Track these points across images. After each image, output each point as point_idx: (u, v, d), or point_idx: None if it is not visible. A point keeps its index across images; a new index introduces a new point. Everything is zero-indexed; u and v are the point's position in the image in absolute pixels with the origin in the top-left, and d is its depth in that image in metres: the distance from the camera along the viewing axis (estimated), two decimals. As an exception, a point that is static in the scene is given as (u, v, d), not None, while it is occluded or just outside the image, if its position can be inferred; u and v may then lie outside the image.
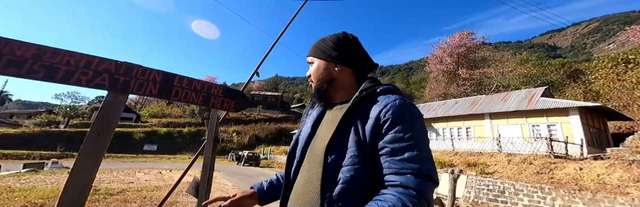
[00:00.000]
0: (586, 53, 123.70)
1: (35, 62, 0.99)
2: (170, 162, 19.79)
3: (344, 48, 0.68)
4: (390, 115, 0.52)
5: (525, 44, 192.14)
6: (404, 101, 0.56)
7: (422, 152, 0.50)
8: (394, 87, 0.65)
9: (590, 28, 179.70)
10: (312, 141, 0.65)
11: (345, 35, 0.71)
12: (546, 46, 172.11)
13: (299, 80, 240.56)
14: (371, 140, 0.53)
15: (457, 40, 20.51)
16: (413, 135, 0.51)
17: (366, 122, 0.55)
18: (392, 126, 0.52)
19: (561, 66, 22.67)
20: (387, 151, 0.51)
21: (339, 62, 0.67)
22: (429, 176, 0.48)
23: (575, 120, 8.83)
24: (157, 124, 33.67)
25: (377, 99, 0.58)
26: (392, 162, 0.50)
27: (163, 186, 6.36)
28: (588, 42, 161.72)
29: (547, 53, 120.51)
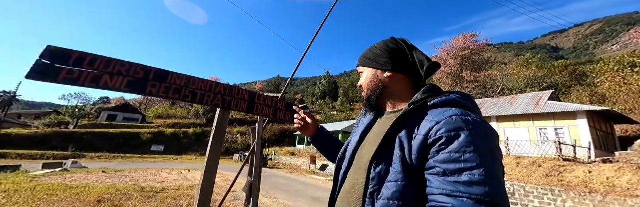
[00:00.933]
0: (589, 54, 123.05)
1: (186, 89, 1.34)
2: (178, 162, 20.11)
3: (392, 54, 0.65)
4: (443, 133, 0.47)
5: (527, 45, 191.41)
6: (462, 117, 0.48)
7: (488, 176, 0.42)
8: (454, 98, 0.56)
9: (593, 29, 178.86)
10: (359, 149, 0.64)
11: (393, 40, 0.69)
12: (548, 47, 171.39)
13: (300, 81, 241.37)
14: (418, 159, 0.49)
15: (462, 42, 20.75)
16: (475, 156, 0.43)
17: (413, 138, 0.51)
18: (445, 145, 0.46)
19: (565, 68, 22.82)
20: (438, 171, 0.45)
21: (388, 68, 0.65)
22: (494, 203, 0.40)
23: (583, 123, 9.00)
24: (163, 125, 34.06)
25: (430, 113, 0.53)
26: (444, 182, 0.44)
27: (194, 185, 6.84)
28: (591, 43, 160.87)
29: (550, 54, 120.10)
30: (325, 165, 16.81)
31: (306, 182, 10.74)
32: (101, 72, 1.14)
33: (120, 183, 6.35)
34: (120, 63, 1.20)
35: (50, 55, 1.03)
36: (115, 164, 15.82)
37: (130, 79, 1.19)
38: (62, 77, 1.03)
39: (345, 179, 0.63)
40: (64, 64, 1.05)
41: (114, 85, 1.14)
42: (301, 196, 6.64)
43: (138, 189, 5.33)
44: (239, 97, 1.58)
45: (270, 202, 5.62)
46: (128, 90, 1.17)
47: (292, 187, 8.42)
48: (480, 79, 19.97)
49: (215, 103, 1.46)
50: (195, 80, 1.39)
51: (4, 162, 13.10)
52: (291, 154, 20.60)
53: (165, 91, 1.26)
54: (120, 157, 21.27)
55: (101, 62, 1.15)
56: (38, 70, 0.99)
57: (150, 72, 1.25)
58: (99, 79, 1.12)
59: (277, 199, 5.75)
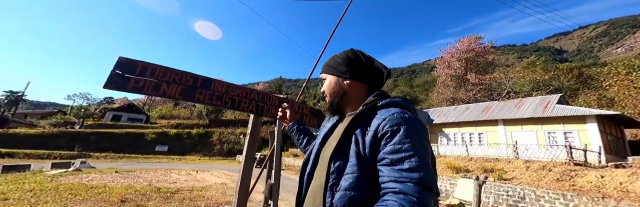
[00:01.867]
0: (593, 57, 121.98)
1: (226, 96, 1.41)
2: (183, 163, 20.22)
3: (351, 63, 0.73)
4: (388, 128, 0.55)
5: (530, 47, 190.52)
6: (402, 114, 0.57)
7: (422, 164, 0.51)
8: (397, 101, 0.66)
9: (598, 31, 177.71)
10: (322, 150, 0.69)
11: (352, 51, 0.76)
12: (552, 50, 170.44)
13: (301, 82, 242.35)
14: (370, 151, 0.56)
15: (467, 45, 20.72)
16: (411, 146, 0.52)
17: (366, 134, 0.59)
18: (390, 138, 0.54)
19: (570, 71, 22.60)
20: (387, 161, 0.53)
21: (348, 76, 0.72)
22: (428, 187, 0.49)
23: (593, 127, 8.92)
24: (167, 125, 34.27)
25: (378, 113, 0.61)
26: (391, 171, 0.51)
27: (205, 186, 6.94)
28: (595, 45, 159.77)
29: (554, 56, 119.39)
30: None
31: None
32: (160, 80, 1.21)
33: (136, 183, 6.43)
34: (174, 72, 1.27)
35: (121, 65, 1.10)
36: (121, 163, 15.94)
37: (183, 87, 1.27)
38: (131, 86, 1.11)
39: (311, 180, 0.67)
40: (131, 74, 1.13)
41: (170, 93, 1.22)
42: None
43: (154, 190, 5.41)
44: (270, 103, 1.64)
45: (282, 204, 5.63)
46: (181, 97, 1.25)
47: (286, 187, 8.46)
48: (485, 81, 19.87)
49: (250, 109, 1.52)
50: (233, 87, 1.46)
51: (13, 161, 13.27)
52: (294, 155, 20.58)
53: (209, 98, 1.35)
54: (125, 157, 21.43)
55: (160, 71, 1.22)
56: (113, 81, 1.06)
57: (198, 80, 1.33)
58: (159, 87, 1.20)
59: (289, 200, 5.75)
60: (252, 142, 1.51)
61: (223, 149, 30.45)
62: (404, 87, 47.66)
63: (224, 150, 30.38)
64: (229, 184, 8.04)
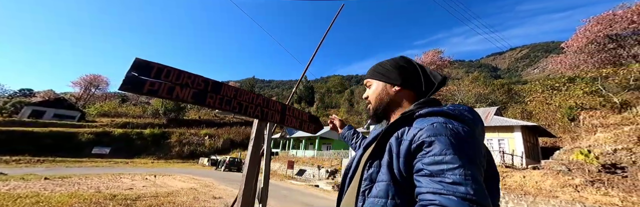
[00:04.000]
0: (518, 75, 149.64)
1: (235, 101, 1.41)
2: (131, 167, 17.56)
3: (402, 71, 0.71)
4: (425, 138, 0.52)
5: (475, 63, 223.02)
6: (442, 124, 0.54)
7: (469, 177, 0.46)
8: (440, 109, 0.60)
9: (522, 53, 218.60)
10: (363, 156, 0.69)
11: (403, 58, 0.75)
12: (490, 67, 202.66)
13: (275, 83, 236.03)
14: (404, 161, 0.55)
15: (430, 57, 23.38)
16: (455, 158, 0.48)
17: (401, 143, 0.57)
18: (428, 148, 0.51)
19: (502, 86, 27.53)
20: (426, 172, 0.50)
21: (397, 83, 0.71)
22: (476, 202, 0.44)
23: (518, 136, 10.99)
24: (110, 124, 29.38)
25: (416, 122, 0.59)
26: (431, 182, 0.48)
27: (171, 191, 6.31)
28: (520, 65, 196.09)
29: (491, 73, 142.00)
30: (303, 170, 16.69)
31: (288, 187, 10.57)
32: (174, 83, 1.18)
33: (79, 191, 5.42)
34: (186, 75, 1.24)
35: (137, 67, 1.07)
36: (42, 169, 13.02)
37: (195, 91, 1.25)
38: (147, 88, 1.07)
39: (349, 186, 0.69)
40: (147, 76, 1.09)
41: (183, 96, 1.19)
42: (290, 201, 6.57)
43: (108, 197, 4.68)
44: (274, 109, 1.66)
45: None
46: (193, 101, 1.23)
47: (276, 192, 8.26)
48: (442, 93, 22.66)
49: (255, 114, 1.52)
50: (241, 92, 1.47)
51: None
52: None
53: (220, 102, 1.33)
54: (47, 161, 17.56)
55: (174, 74, 1.19)
56: (129, 82, 1.03)
57: (209, 84, 1.32)
58: (173, 90, 1.17)
59: (269, 204, 5.62)
60: (256, 147, 1.51)
61: (183, 152, 27.54)
62: None
63: (185, 152, 27.51)
64: (200, 189, 7.37)
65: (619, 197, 5.53)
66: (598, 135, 8.77)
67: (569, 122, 13.83)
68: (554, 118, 15.37)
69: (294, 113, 1.83)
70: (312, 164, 16.98)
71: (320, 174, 14.66)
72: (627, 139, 7.44)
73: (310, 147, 25.86)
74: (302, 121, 1.89)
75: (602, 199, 5.63)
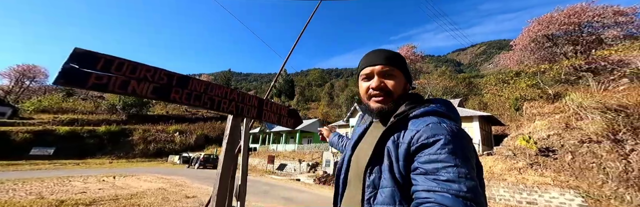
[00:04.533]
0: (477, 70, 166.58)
1: (205, 96, 1.29)
2: (83, 168, 15.53)
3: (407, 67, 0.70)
4: (423, 140, 0.53)
5: (442, 58, 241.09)
6: (437, 124, 0.54)
7: (463, 175, 0.47)
8: (431, 108, 0.61)
9: (481, 50, 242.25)
10: (354, 157, 0.69)
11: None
12: (454, 62, 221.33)
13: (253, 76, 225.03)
14: (404, 165, 0.55)
15: (404, 52, 24.44)
16: (450, 157, 0.49)
17: (399, 146, 0.57)
18: (425, 149, 0.52)
19: (464, 80, 30.48)
20: (421, 171, 0.51)
21: (410, 82, 0.70)
22: (470, 198, 0.44)
23: (476, 125, 12.38)
24: (52, 121, 25.26)
25: (411, 123, 0.59)
26: (426, 180, 0.49)
27: (135, 193, 5.79)
28: (479, 61, 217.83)
29: (455, 68, 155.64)
30: (284, 164, 16.66)
31: (269, 182, 10.40)
32: (128, 77, 1.03)
33: (14, 198, 4.59)
34: (145, 68, 1.09)
35: (77, 58, 0.92)
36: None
37: (156, 85, 1.11)
38: (92, 82, 0.94)
39: (346, 186, 0.68)
40: (91, 69, 0.95)
41: (141, 92, 1.06)
42: (271, 196, 6.48)
43: (54, 204, 4.08)
44: (250, 104, 1.58)
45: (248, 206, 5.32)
46: (154, 96, 1.10)
47: (257, 188, 8.10)
48: (415, 86, 24.14)
49: (230, 110, 1.43)
50: (213, 87, 1.35)
51: None
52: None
53: (187, 98, 1.22)
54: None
55: (128, 67, 1.04)
56: (66, 75, 0.89)
57: (173, 78, 1.19)
58: (127, 84, 1.03)
59: (249, 201, 5.48)
60: (231, 145, 1.43)
61: (148, 149, 25.27)
62: (354, 87, 51.94)
63: (151, 150, 25.28)
64: (170, 188, 6.84)
65: (551, 177, 6.68)
66: (536, 123, 10.26)
67: (515, 112, 15.97)
68: (504, 108, 17.61)
69: (272, 108, 1.77)
70: (293, 158, 16.98)
71: (302, 168, 14.77)
72: (558, 126, 8.83)
73: (291, 141, 25.83)
74: (281, 115, 1.85)
75: (539, 180, 6.74)
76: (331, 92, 56.55)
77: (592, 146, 7.01)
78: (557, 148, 7.65)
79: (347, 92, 44.05)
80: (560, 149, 7.56)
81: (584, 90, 10.69)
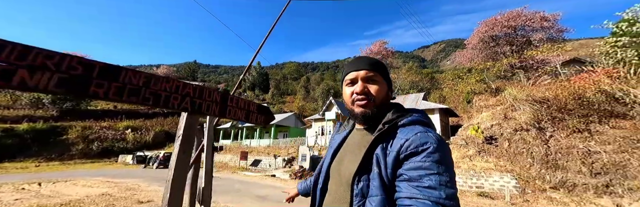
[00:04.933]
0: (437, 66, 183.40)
1: (146, 90, 1.06)
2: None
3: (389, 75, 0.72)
4: (412, 148, 0.54)
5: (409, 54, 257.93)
6: (426, 133, 0.57)
7: (444, 182, 0.49)
8: (417, 117, 0.64)
9: (441, 47, 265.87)
10: (335, 163, 0.69)
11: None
12: (419, 58, 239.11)
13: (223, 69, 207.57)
14: (392, 172, 0.55)
15: (377, 47, 25.27)
16: (434, 165, 0.51)
17: (387, 154, 0.57)
18: (412, 156, 0.54)
19: (427, 75, 33.28)
20: (405, 177, 0.52)
21: (391, 88, 0.72)
22: (449, 205, 0.47)
23: (437, 117, 13.70)
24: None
25: (400, 132, 0.60)
26: (409, 187, 0.50)
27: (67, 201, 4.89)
28: (439, 58, 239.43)
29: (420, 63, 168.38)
30: (258, 160, 16.15)
31: (242, 180, 9.89)
32: (14, 65, 0.76)
33: None
34: (43, 53, 0.81)
35: None
36: None
37: (63, 76, 0.84)
38: None
39: (326, 193, 0.68)
40: None
41: (38, 84, 0.79)
42: (245, 195, 6.13)
43: None
44: (210, 99, 1.35)
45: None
46: (62, 90, 0.84)
47: (230, 187, 7.61)
48: (394, 95, 25.47)
49: (183, 107, 1.21)
50: (157, 79, 1.10)
51: None
52: (211, 150, 18.20)
53: (117, 93, 0.97)
54: None
55: (13, 51, 0.76)
56: None
57: (94, 68, 0.94)
58: (12, 74, 0.75)
59: (218, 203, 5.10)
60: (186, 146, 1.23)
61: (91, 149, 21.94)
62: (329, 81, 51.73)
63: (94, 150, 21.99)
64: (118, 194, 5.91)
65: (493, 162, 7.83)
66: (483, 114, 11.76)
67: (467, 104, 18.12)
68: (459, 101, 19.85)
69: (239, 103, 1.55)
70: (267, 154, 16.56)
71: (277, 163, 14.51)
72: (498, 116, 10.27)
73: (265, 135, 25.08)
74: (250, 112, 1.64)
75: (485, 165, 7.84)
76: (307, 86, 56.15)
77: (523, 134, 8.36)
78: (498, 136, 8.93)
79: (322, 85, 44.22)
80: (500, 137, 8.84)
81: (518, 85, 12.47)
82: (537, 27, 15.51)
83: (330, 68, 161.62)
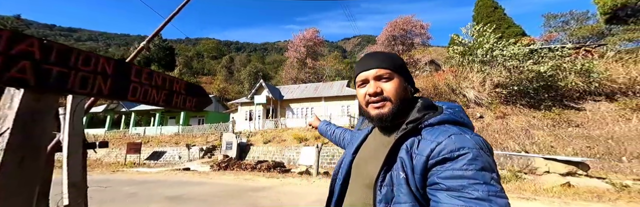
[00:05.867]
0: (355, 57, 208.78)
1: None
2: None
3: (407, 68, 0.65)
4: (445, 153, 0.49)
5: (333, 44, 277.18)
6: (461, 136, 0.50)
7: (492, 192, 0.44)
8: (449, 116, 0.56)
9: (358, 41, 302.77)
10: (356, 161, 0.66)
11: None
12: (341, 48, 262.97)
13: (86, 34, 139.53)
14: (421, 179, 0.51)
15: (310, 34, 25.71)
16: (478, 173, 0.45)
17: (414, 157, 0.52)
18: (446, 163, 0.48)
19: (348, 65, 37.81)
20: (443, 187, 0.47)
21: (412, 84, 0.65)
22: None
23: (356, 102, 16.17)
24: None
25: (428, 133, 0.54)
26: (451, 197, 0.45)
27: None
28: (356, 50, 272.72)
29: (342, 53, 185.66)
30: (160, 152, 13.39)
31: (135, 179, 7.41)
32: None
33: None
34: None
35: None
36: None
37: None
38: None
39: (345, 190, 0.66)
40: None
41: None
42: (146, 200, 4.53)
43: None
44: (89, 68, 0.78)
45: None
46: None
47: (116, 192, 5.29)
48: (317, 67, 26.62)
49: (10, 77, 0.62)
50: None
51: None
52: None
53: None
54: None
55: None
56: None
57: None
58: None
59: None
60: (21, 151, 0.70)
61: None
62: (257, 62, 48.17)
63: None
64: None
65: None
66: None
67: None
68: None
69: (153, 79, 1.03)
70: (175, 143, 14.14)
71: (192, 154, 12.59)
72: None
73: (171, 122, 20.75)
74: (173, 92, 1.13)
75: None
76: (230, 66, 49.86)
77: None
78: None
79: (250, 67, 40.81)
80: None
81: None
82: (417, 32, 21.37)
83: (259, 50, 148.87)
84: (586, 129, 8.49)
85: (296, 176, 7.65)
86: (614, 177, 5.99)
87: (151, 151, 13.48)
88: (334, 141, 1.11)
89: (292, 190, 5.58)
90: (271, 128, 14.95)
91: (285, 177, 7.53)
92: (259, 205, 4.22)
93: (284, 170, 8.83)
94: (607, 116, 8.82)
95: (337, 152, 10.25)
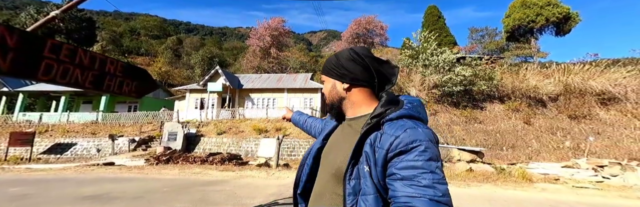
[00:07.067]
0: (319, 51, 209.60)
1: None
2: None
3: (351, 66, 0.67)
4: (401, 147, 0.54)
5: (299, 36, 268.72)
6: (414, 130, 0.56)
7: (436, 180, 0.51)
8: (407, 111, 0.61)
9: (324, 35, 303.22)
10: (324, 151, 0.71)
11: (352, 51, 0.69)
12: (307, 41, 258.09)
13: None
14: (382, 171, 0.55)
15: (276, 23, 24.25)
16: (426, 163, 0.52)
17: (376, 151, 0.57)
18: (402, 155, 0.54)
19: (312, 58, 37.85)
20: (398, 176, 0.52)
21: (345, 80, 0.68)
22: (444, 202, 0.49)
23: (319, 96, 16.49)
24: None
25: (388, 127, 0.59)
26: (404, 186, 0.51)
27: None
28: (321, 44, 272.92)
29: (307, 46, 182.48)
30: (67, 144, 11.14)
31: (25, 179, 5.77)
32: None
33: None
34: None
35: None
36: None
37: None
38: None
39: (313, 177, 0.70)
40: None
41: None
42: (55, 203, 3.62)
43: None
44: None
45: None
46: None
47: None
48: (281, 57, 25.59)
49: None
50: None
51: None
52: None
53: None
54: None
55: None
56: None
57: None
58: None
59: None
60: None
61: None
62: (213, 47, 43.50)
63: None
64: None
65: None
66: None
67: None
68: (335, 83, 25.57)
69: (77, 57, 0.86)
70: (92, 133, 11.93)
71: (119, 146, 10.75)
72: None
73: (85, 107, 16.92)
74: (105, 74, 0.96)
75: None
76: (178, 49, 42.96)
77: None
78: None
79: (203, 52, 36.21)
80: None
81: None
82: (378, 33, 23.28)
83: (216, 34, 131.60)
84: (485, 125, 10.77)
85: (254, 169, 7.40)
86: (497, 162, 7.93)
87: (51, 143, 10.79)
88: (306, 129, 1.12)
89: (250, 183, 5.40)
90: (227, 118, 13.91)
91: (242, 169, 7.19)
92: (211, 200, 3.85)
93: (241, 163, 8.38)
94: (498, 114, 11.27)
95: (298, 144, 10.31)
